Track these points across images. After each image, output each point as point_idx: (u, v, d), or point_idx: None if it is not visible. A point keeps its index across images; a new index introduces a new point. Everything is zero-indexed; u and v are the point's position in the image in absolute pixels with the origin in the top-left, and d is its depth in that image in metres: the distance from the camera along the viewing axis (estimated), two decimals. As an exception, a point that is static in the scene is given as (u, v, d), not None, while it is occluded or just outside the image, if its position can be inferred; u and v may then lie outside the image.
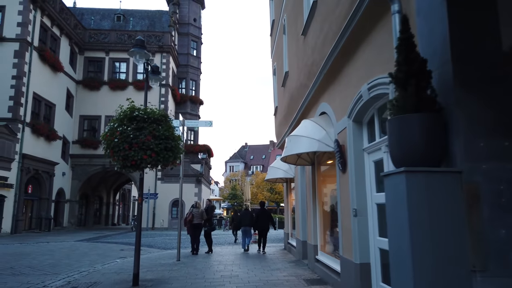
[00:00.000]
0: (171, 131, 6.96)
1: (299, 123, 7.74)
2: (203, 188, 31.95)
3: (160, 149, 6.65)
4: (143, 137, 6.53)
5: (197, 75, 36.37)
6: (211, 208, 12.78)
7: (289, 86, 9.90)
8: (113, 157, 6.63)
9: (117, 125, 6.70)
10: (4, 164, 21.09)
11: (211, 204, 13.03)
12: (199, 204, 12.22)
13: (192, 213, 11.87)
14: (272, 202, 69.33)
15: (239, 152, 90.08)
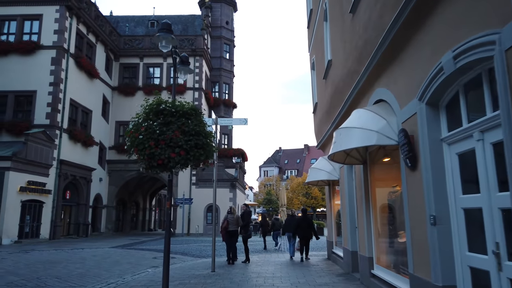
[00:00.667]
0: (202, 126, 6.10)
1: (346, 117, 6.71)
2: (238, 193, 31.20)
3: (190, 146, 5.79)
4: (171, 133, 5.70)
5: (230, 78, 35.85)
6: (247, 213, 11.87)
7: (333, 76, 8.84)
8: (138, 156, 5.84)
9: (141, 120, 5.92)
10: (42, 170, 21.27)
11: (247, 209, 12.12)
12: (234, 209, 11.34)
13: (227, 219, 11.01)
14: (308, 207, 67.66)
15: (273, 156, 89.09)
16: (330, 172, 9.81)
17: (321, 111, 11.24)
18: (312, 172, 10.53)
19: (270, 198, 66.80)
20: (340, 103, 8.32)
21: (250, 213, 12.17)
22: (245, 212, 11.94)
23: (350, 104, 7.51)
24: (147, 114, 5.96)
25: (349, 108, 7.76)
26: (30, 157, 20.18)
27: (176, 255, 13.74)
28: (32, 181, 20.26)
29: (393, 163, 6.49)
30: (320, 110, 11.61)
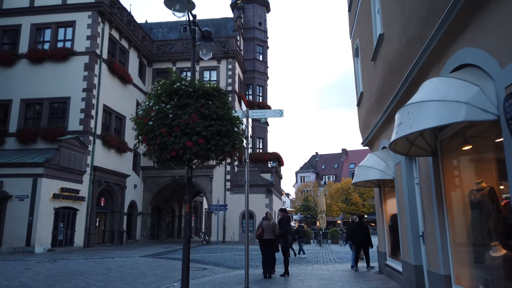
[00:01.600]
0: (226, 108, 4.87)
1: (404, 102, 5.27)
2: (274, 199, 29.82)
3: (212, 133, 4.58)
4: (187, 117, 4.52)
5: (264, 81, 34.75)
6: (285, 219, 10.50)
7: (385, 53, 7.37)
8: (148, 147, 4.69)
9: (152, 103, 4.78)
10: (75, 176, 20.97)
11: (285, 214, 10.74)
12: (270, 215, 10.01)
13: (262, 226, 9.69)
14: (348, 214, 64.94)
15: (309, 162, 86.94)
16: (382, 171, 8.28)
17: (369, 101, 9.73)
18: (361, 171, 9.02)
19: (308, 205, 64.73)
20: (396, 84, 6.84)
21: (289, 219, 10.79)
22: (283, 218, 10.57)
23: (415, 76, 6.01)
24: (158, 96, 4.81)
25: (410, 88, 6.27)
26: (63, 163, 19.91)
27: (208, 265, 12.58)
28: (65, 187, 19.96)
29: (477, 153, 4.95)
30: (367, 100, 10.10)
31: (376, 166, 8.46)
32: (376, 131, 9.53)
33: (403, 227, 7.71)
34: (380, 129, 9.19)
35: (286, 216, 10.70)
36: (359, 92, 11.29)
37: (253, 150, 32.37)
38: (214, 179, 28.81)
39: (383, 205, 10.33)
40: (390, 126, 8.39)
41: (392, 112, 7.71)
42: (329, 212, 61.37)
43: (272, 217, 10.03)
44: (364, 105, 10.61)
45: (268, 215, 9.95)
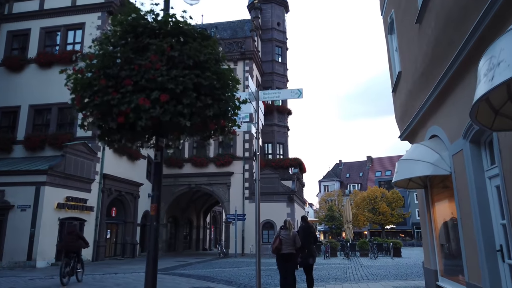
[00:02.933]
0: (212, 54, 3.10)
1: (474, 60, 3.40)
2: (297, 208, 27.77)
3: (185, 87, 2.82)
4: (144, 62, 2.78)
5: (283, 83, 33.02)
6: (307, 229, 8.62)
7: (440, 2, 5.48)
8: (84, 113, 2.99)
9: (98, 47, 3.09)
10: (83, 185, 19.70)
11: (304, 224, 8.87)
12: (290, 223, 8.13)
13: (280, 237, 7.84)
14: (375, 224, 61.75)
15: (333, 170, 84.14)
16: (434, 164, 6.30)
17: (411, 79, 7.79)
18: (403, 167, 7.06)
19: (333, 215, 61.99)
20: (458, 39, 4.93)
21: (310, 228, 8.88)
22: (302, 228, 8.71)
23: (485, 30, 4.11)
24: (108, 38, 3.12)
25: (481, 40, 4.37)
26: (69, 170, 18.66)
27: (218, 284, 10.77)
28: (71, 197, 18.67)
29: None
30: (407, 79, 8.16)
31: (426, 159, 6.50)
32: (422, 116, 7.58)
33: (469, 239, 5.70)
34: (428, 112, 7.25)
35: (305, 225, 8.82)
36: (395, 74, 9.36)
37: (273, 156, 30.53)
38: (232, 187, 27.11)
39: (431, 211, 8.28)
40: (444, 106, 6.45)
41: (449, 84, 5.80)
42: (355, 222, 58.46)
43: (292, 226, 8.16)
44: (403, 87, 8.66)
45: (288, 223, 8.09)
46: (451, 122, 6.09)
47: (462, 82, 5.47)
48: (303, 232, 8.52)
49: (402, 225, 66.36)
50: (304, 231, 8.55)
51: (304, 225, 8.83)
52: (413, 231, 68.15)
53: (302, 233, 8.51)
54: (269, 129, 31.17)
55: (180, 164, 27.76)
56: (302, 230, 8.61)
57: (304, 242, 8.25)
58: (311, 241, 8.53)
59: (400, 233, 68.42)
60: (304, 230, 8.59)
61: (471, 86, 4.71)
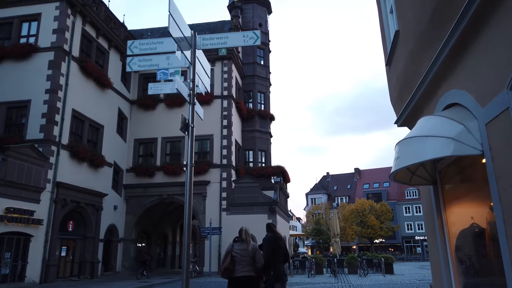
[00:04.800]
0: None
1: None
2: (279, 220, 25.33)
3: None
4: None
5: (265, 87, 30.95)
6: (273, 241, 6.32)
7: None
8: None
9: None
10: (29, 194, 17.02)
11: (274, 234, 6.57)
12: (247, 233, 5.77)
13: (232, 252, 5.50)
14: (364, 237, 59.48)
15: (320, 182, 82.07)
16: (457, 139, 4.06)
17: (413, 35, 5.63)
18: (407, 149, 4.77)
19: (320, 228, 59.53)
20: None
21: (279, 240, 6.55)
22: (267, 239, 6.41)
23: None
24: None
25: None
26: (11, 177, 16.00)
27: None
28: (12, 208, 15.96)
29: None
30: (407, 38, 6.01)
31: (443, 133, 4.25)
32: (431, 82, 5.40)
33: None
34: (440, 73, 5.07)
35: (271, 236, 6.51)
36: (390, 40, 7.23)
37: (254, 164, 28.22)
38: (208, 197, 24.61)
39: (442, 215, 6.03)
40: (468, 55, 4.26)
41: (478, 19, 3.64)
42: (343, 236, 56.13)
43: (250, 237, 5.82)
44: (402, 52, 6.50)
45: (244, 233, 5.74)
46: (483, 76, 3.89)
47: (500, 10, 3.30)
48: (269, 246, 6.21)
49: (391, 239, 64.26)
50: (269, 244, 6.24)
51: (270, 236, 6.52)
52: (403, 245, 66.10)
53: (267, 246, 6.19)
54: (250, 135, 28.95)
55: (151, 172, 25.21)
56: (267, 243, 6.30)
57: (269, 259, 5.92)
58: (279, 258, 6.21)
59: (390, 247, 66.27)
60: (270, 243, 6.28)
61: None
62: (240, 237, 5.67)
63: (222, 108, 25.77)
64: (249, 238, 5.65)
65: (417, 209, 66.84)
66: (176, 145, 26.03)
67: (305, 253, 62.18)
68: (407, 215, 67.08)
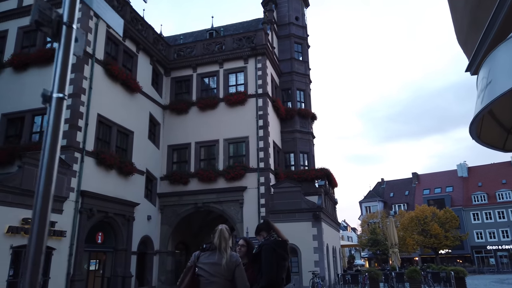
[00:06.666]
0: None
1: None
2: (326, 228, 22.53)
3: None
4: None
5: (305, 84, 28.52)
6: (271, 249, 3.93)
7: None
8: None
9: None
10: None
11: (272, 238, 4.19)
12: (223, 236, 3.52)
13: (193, 267, 3.28)
14: (427, 248, 54.00)
15: (375, 190, 77.01)
16: None
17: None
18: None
19: (376, 238, 55.05)
20: None
21: (280, 246, 4.12)
22: (266, 248, 4.02)
23: None
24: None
25: None
26: (28, 186, 14.94)
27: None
28: (30, 219, 14.85)
29: None
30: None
31: None
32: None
33: None
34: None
35: (271, 241, 4.09)
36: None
37: (295, 168, 25.75)
38: (245, 204, 22.49)
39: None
40: None
41: None
42: (403, 246, 51.32)
43: (228, 243, 3.55)
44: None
45: (218, 236, 3.50)
46: None
47: None
48: (268, 256, 3.85)
49: (459, 249, 57.95)
50: (268, 254, 3.88)
51: (270, 241, 4.12)
52: (473, 256, 59.37)
53: (270, 257, 3.85)
54: (290, 137, 26.59)
55: (185, 180, 23.63)
56: (270, 251, 3.93)
57: (273, 279, 3.60)
58: (279, 275, 3.82)
59: (457, 258, 59.82)
60: (269, 252, 3.91)
61: None
62: (211, 243, 3.44)
63: (257, 107, 23.73)
64: (226, 245, 3.41)
65: (487, 215, 59.98)
66: (211, 150, 24.34)
67: (360, 266, 57.75)
68: (476, 222, 60.37)
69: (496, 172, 64.01)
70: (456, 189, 65.60)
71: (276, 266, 3.74)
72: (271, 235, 4.11)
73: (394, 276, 18.67)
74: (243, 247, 4.43)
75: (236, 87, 24.75)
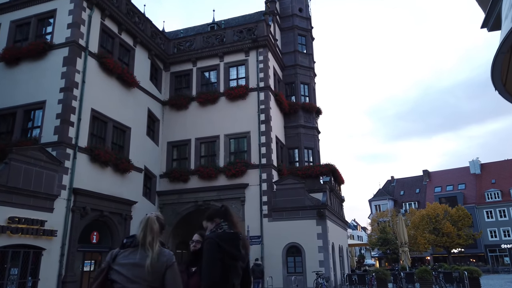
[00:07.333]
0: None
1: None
2: (332, 227, 21.51)
3: None
4: None
5: (309, 77, 27.51)
6: (231, 243, 2.98)
7: None
8: None
9: None
10: (39, 202, 15.24)
11: (223, 231, 3.26)
12: (149, 229, 2.62)
13: (106, 270, 2.47)
14: (439, 247, 52.49)
15: (385, 188, 75.47)
16: None
17: None
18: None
19: (386, 237, 53.68)
20: None
21: (236, 244, 3.20)
22: (214, 240, 3.01)
23: None
24: None
25: None
26: (15, 183, 14.27)
27: None
28: (18, 217, 14.18)
29: None
30: None
31: None
32: None
33: None
34: None
35: (224, 234, 3.08)
36: None
37: (300, 164, 24.77)
38: (247, 202, 21.60)
39: None
40: None
41: None
42: (414, 245, 49.96)
43: (156, 238, 2.65)
44: None
45: (143, 230, 2.61)
46: None
47: None
48: (209, 254, 2.92)
49: (472, 248, 56.27)
50: (210, 251, 2.94)
51: (215, 234, 3.14)
52: (487, 255, 57.60)
53: (207, 255, 2.93)
54: (294, 132, 25.63)
55: (185, 177, 22.83)
56: (208, 249, 2.98)
57: (207, 282, 2.70)
58: (226, 280, 2.89)
59: (471, 258, 58.11)
60: (211, 249, 2.96)
61: None
62: (133, 237, 2.57)
63: (259, 101, 22.81)
64: (153, 239, 2.53)
65: (501, 213, 58.17)
66: (211, 146, 23.49)
67: (370, 265, 56.46)
68: (490, 220, 58.59)
69: (510, 169, 62.07)
70: (469, 186, 63.82)
71: (220, 268, 2.84)
72: (219, 226, 3.18)
73: (403, 276, 17.62)
74: (198, 243, 3.52)
75: (237, 81, 23.87)
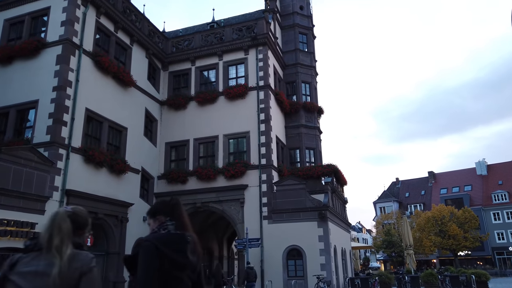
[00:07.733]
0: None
1: None
2: (334, 229, 20.85)
3: None
4: None
5: (311, 76, 26.92)
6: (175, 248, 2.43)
7: None
8: None
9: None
10: (30, 204, 14.75)
11: (170, 232, 2.69)
12: (57, 228, 2.09)
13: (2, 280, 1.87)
14: (445, 249, 51.50)
15: (389, 189, 74.52)
16: None
17: None
18: None
19: (391, 240, 52.81)
20: None
21: (185, 246, 2.66)
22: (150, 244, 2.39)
23: None
24: None
25: None
26: (4, 184, 13.81)
27: None
28: (6, 220, 13.71)
29: None
30: None
31: None
32: None
33: None
34: None
35: (150, 236, 2.52)
36: None
37: (301, 165, 24.16)
38: (246, 203, 21.01)
39: None
40: None
41: None
42: (419, 248, 49.05)
43: (67, 238, 2.10)
44: None
45: (50, 229, 2.09)
46: None
47: None
48: (145, 262, 2.38)
49: (479, 251, 55.19)
50: (146, 259, 2.40)
51: (154, 236, 2.59)
52: (494, 258, 56.48)
53: (142, 264, 2.38)
54: (295, 132, 25.04)
55: (183, 178, 22.30)
56: (144, 256, 2.43)
57: None
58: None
59: (478, 260, 57.01)
60: (147, 256, 2.42)
61: None
62: (36, 239, 2.04)
63: (259, 100, 22.25)
64: (62, 242, 1.99)
65: (508, 215, 57.12)
66: (210, 146, 22.95)
67: (375, 268, 55.56)
68: (497, 222, 57.52)
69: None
70: (475, 188, 62.79)
71: (158, 280, 2.29)
72: (163, 226, 2.62)
73: (408, 280, 16.92)
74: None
75: (236, 79, 23.35)
